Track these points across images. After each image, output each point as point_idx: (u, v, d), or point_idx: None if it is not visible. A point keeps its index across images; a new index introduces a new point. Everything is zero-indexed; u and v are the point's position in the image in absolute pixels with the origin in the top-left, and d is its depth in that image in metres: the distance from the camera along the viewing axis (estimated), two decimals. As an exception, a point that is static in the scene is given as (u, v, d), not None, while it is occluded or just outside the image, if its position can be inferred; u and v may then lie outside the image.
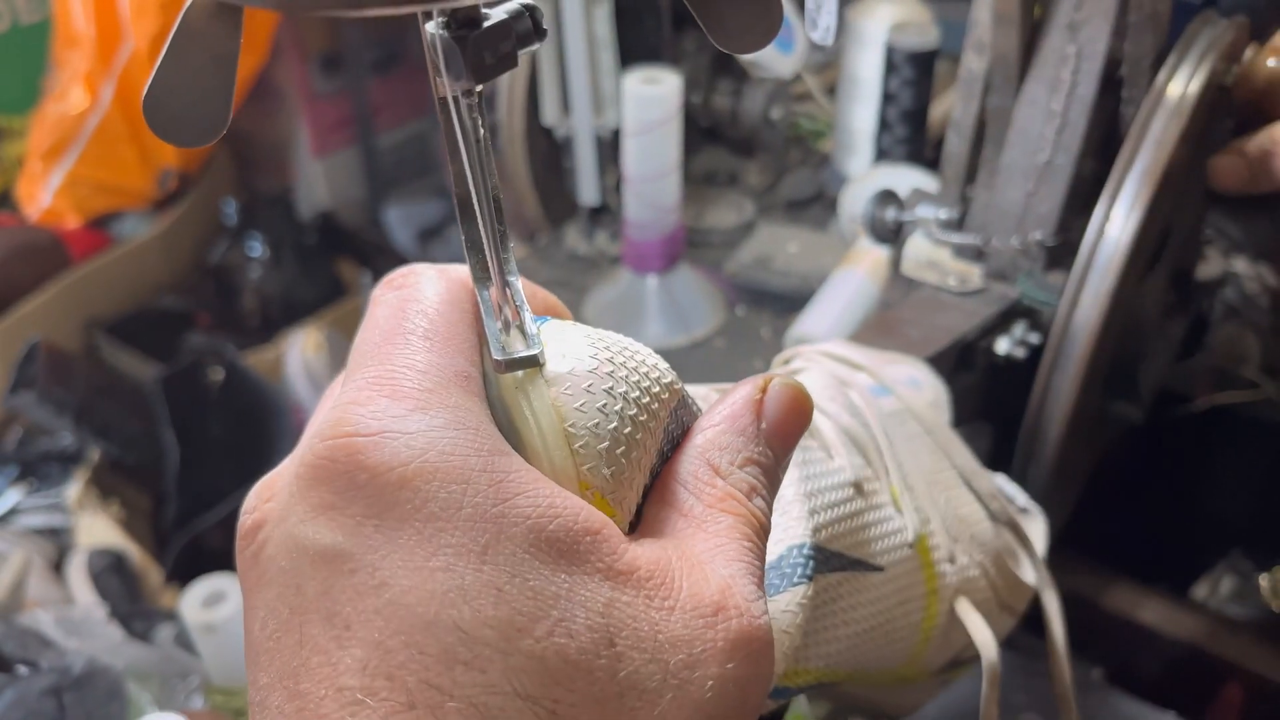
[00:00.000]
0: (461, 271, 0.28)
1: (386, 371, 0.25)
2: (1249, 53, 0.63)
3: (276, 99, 1.64)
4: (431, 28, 0.23)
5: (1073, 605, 0.74)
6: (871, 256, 0.85)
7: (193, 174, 1.58)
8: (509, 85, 0.98)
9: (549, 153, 1.03)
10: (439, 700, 0.21)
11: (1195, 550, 0.94)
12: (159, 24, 1.39)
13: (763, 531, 0.28)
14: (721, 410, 0.29)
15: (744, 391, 0.29)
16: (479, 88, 0.23)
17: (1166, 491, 0.97)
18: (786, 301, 0.92)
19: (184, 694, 0.71)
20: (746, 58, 1.00)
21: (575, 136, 0.98)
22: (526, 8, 0.23)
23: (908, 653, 0.41)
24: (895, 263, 0.67)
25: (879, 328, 0.60)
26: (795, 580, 0.35)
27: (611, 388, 0.26)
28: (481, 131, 0.24)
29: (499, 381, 0.26)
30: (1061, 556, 0.74)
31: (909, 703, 0.48)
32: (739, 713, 0.25)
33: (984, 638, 0.42)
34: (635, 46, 0.99)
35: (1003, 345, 0.61)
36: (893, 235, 0.67)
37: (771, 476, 0.29)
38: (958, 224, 0.65)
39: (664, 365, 0.28)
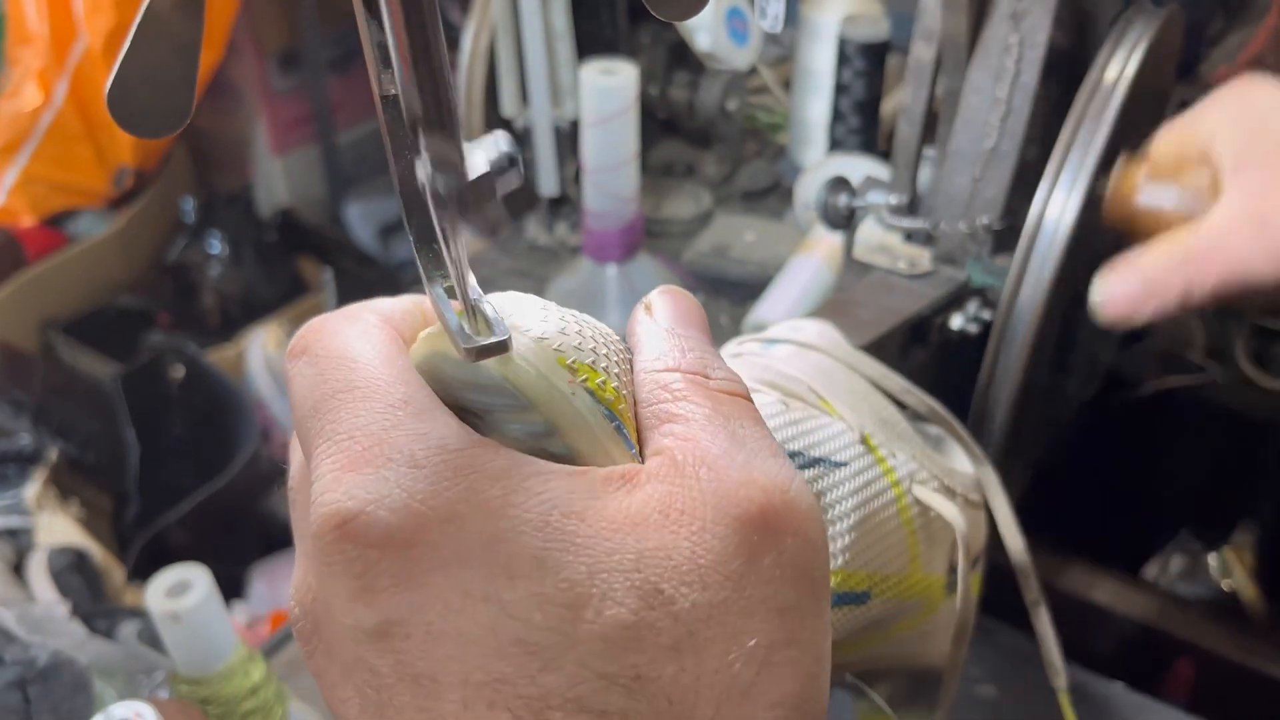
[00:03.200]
0: (357, 307, 0.29)
1: (335, 445, 0.25)
2: (1117, 168, 0.58)
3: (235, 96, 1.63)
4: (422, 175, 0.24)
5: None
6: (827, 243, 0.86)
7: (150, 172, 1.57)
8: (467, 79, 0.99)
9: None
10: (540, 708, 0.23)
11: (1146, 531, 0.96)
12: (113, 21, 1.38)
13: (743, 397, 0.28)
14: (633, 339, 0.30)
15: (634, 316, 0.30)
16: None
17: (1117, 474, 0.99)
18: (744, 289, 0.94)
19: (149, 689, 0.71)
20: (703, 50, 1.01)
21: (534, 128, 0.98)
22: (505, 153, 0.24)
23: (906, 548, 0.43)
24: (848, 248, 0.69)
25: (831, 310, 0.61)
26: None
27: (579, 345, 0.27)
28: (458, 236, 0.25)
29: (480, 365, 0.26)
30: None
31: (939, 650, 0.49)
32: (806, 585, 0.25)
33: (948, 510, 0.44)
34: (592, 38, 1.00)
35: (957, 321, 0.63)
36: (845, 221, 0.68)
37: (706, 348, 0.29)
38: (908, 209, 0.67)
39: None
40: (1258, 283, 0.51)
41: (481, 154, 0.24)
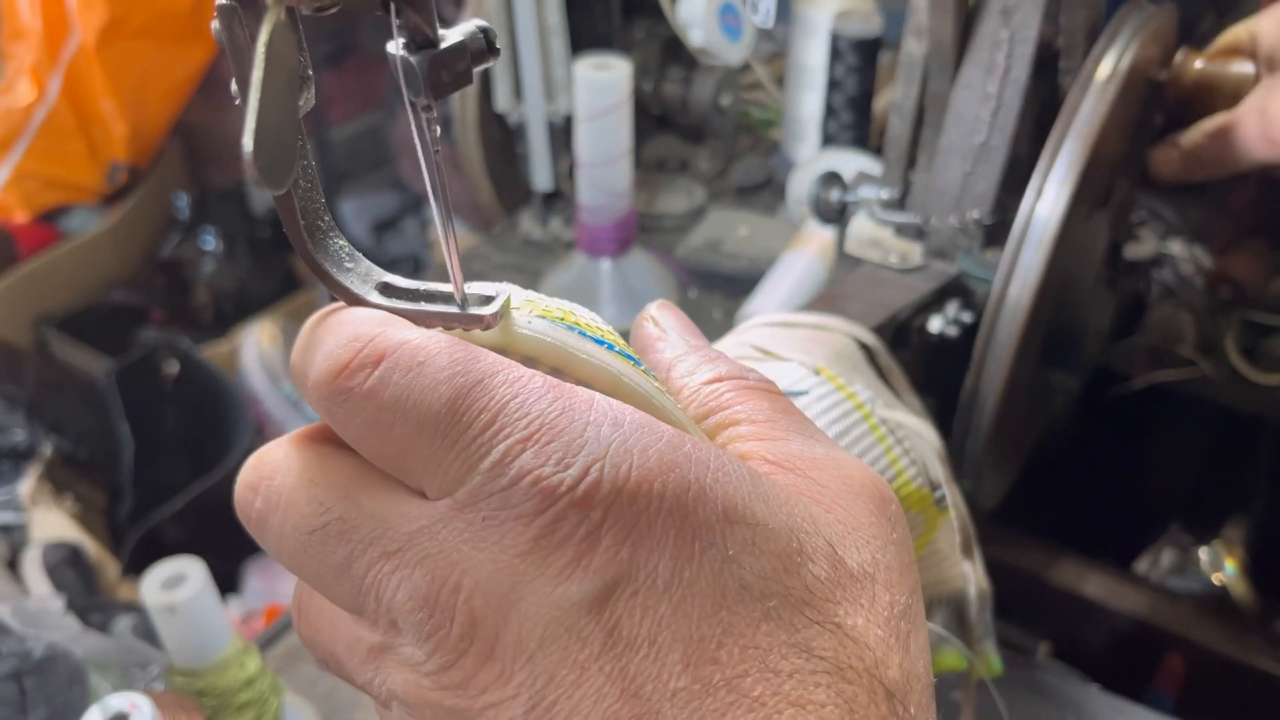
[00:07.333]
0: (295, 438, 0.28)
1: (514, 426, 0.24)
2: (1179, 55, 0.68)
3: (228, 92, 1.62)
4: (392, 48, 0.23)
5: (1019, 580, 0.76)
6: (819, 239, 0.87)
7: (143, 168, 1.57)
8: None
9: (502, 139, 1.04)
10: (764, 654, 0.23)
11: (1136, 525, 0.96)
12: (105, 16, 1.38)
13: (775, 391, 0.30)
14: (654, 355, 0.32)
15: (642, 330, 0.33)
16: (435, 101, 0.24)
17: (1108, 468, 1.00)
18: (737, 283, 0.94)
19: (144, 682, 0.71)
20: (696, 46, 1.01)
21: (528, 123, 0.99)
22: (480, 29, 0.24)
23: (887, 459, 0.47)
24: (840, 242, 0.69)
25: (822, 304, 0.62)
26: None
27: (548, 304, 0.28)
28: (438, 142, 0.25)
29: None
30: (1007, 532, 0.76)
31: (955, 572, 0.51)
32: (913, 562, 0.28)
33: (914, 421, 0.49)
34: (586, 34, 1.00)
35: (935, 324, 0.63)
36: (837, 215, 0.69)
37: (722, 354, 0.32)
38: (899, 204, 0.67)
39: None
40: (1259, 163, 0.63)
41: (455, 30, 0.24)
